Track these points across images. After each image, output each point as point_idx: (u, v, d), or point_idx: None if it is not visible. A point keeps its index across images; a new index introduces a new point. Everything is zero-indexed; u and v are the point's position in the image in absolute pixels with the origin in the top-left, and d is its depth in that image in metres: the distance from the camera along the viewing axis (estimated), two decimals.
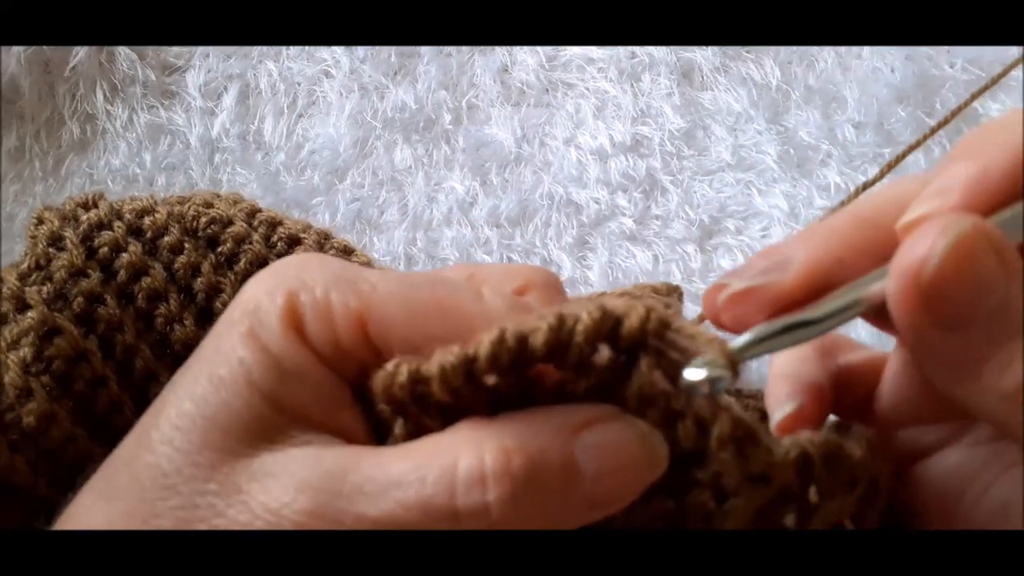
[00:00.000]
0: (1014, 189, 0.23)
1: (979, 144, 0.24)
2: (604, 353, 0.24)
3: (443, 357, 0.23)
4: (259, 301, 0.25)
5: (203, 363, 0.25)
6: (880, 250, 0.24)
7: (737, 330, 0.25)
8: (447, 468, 0.22)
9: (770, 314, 0.25)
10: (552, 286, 0.30)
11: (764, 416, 0.30)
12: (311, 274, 0.25)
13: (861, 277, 0.24)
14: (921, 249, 0.22)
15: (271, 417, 0.24)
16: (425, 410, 0.24)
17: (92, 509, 0.25)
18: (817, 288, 0.25)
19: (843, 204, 0.32)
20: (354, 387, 0.25)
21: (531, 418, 0.23)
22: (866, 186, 0.34)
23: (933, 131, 0.37)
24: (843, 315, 0.24)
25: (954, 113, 0.40)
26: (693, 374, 0.23)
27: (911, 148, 0.35)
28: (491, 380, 0.23)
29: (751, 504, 0.25)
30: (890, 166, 0.33)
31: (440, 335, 0.24)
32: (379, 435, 0.25)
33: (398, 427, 0.24)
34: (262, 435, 0.24)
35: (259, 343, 0.24)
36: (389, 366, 0.24)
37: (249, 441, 0.24)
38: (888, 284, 0.23)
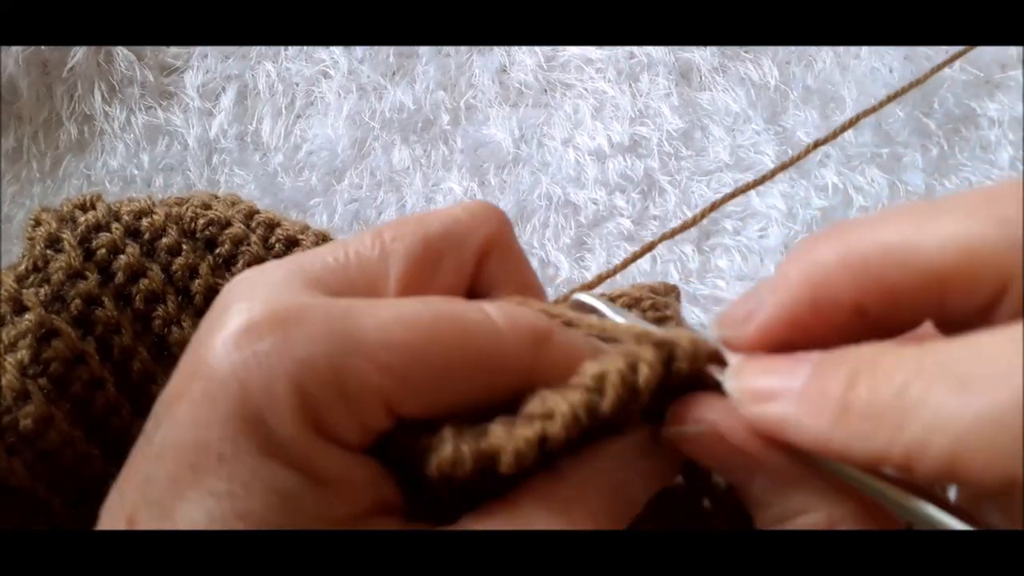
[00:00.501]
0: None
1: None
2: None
3: (515, 442, 0.22)
4: (258, 404, 0.21)
5: (223, 499, 0.20)
6: (855, 303, 0.23)
7: None
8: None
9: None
10: (504, 239, 0.28)
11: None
12: (303, 347, 0.21)
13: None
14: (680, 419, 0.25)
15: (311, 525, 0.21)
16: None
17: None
18: (774, 345, 0.24)
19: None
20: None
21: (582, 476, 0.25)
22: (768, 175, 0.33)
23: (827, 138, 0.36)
24: None
25: (865, 113, 0.39)
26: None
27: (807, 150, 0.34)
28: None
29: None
30: (789, 163, 0.32)
31: (471, 391, 0.23)
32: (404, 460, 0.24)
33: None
34: None
35: (281, 458, 0.21)
36: (446, 451, 0.22)
37: None
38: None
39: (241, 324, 0.22)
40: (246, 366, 0.21)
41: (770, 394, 0.23)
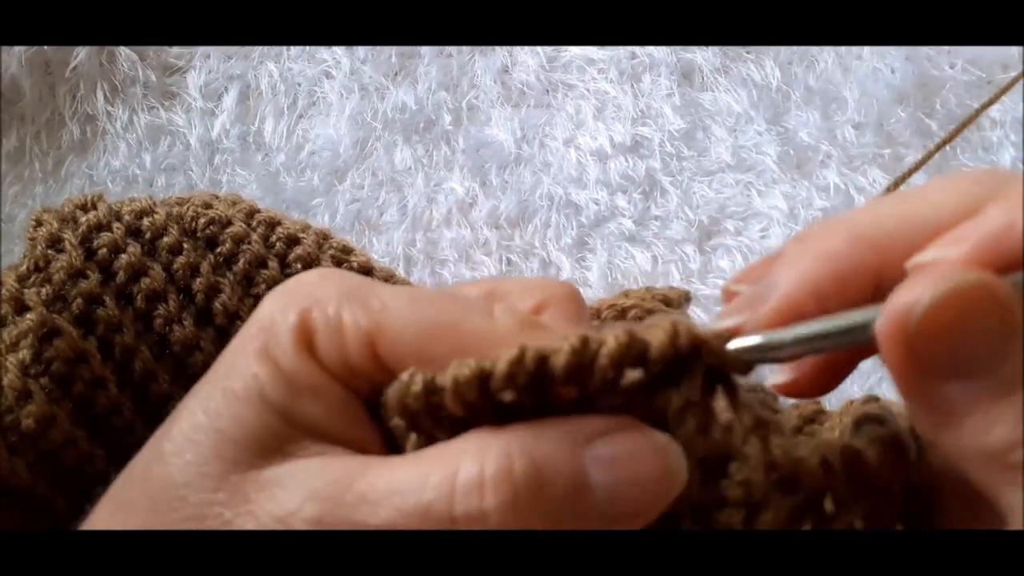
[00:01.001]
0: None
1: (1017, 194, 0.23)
2: (631, 374, 0.23)
3: (458, 369, 0.23)
4: (273, 318, 0.25)
5: (218, 377, 0.25)
6: (874, 276, 0.24)
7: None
8: (448, 474, 0.22)
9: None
10: (571, 301, 0.28)
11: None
12: (324, 291, 0.25)
13: (848, 309, 0.23)
14: (912, 295, 0.22)
15: (283, 430, 0.24)
16: (439, 424, 0.24)
17: (110, 521, 0.25)
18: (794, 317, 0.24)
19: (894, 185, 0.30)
20: (368, 404, 0.25)
21: (541, 426, 0.23)
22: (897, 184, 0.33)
23: (945, 141, 0.36)
24: (816, 344, 0.23)
25: (964, 124, 0.40)
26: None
27: (924, 159, 0.34)
28: (507, 397, 0.23)
29: (779, 517, 0.24)
30: (903, 178, 0.32)
31: (448, 354, 0.23)
32: (393, 452, 0.25)
33: (411, 443, 0.24)
34: (274, 448, 0.24)
35: (272, 359, 0.24)
36: (404, 376, 0.24)
37: (260, 453, 0.24)
38: (878, 323, 0.22)
39: (301, 276, 0.27)
40: (280, 296, 0.26)
41: (970, 231, 0.23)
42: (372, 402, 0.25)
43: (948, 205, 0.24)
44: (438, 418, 0.23)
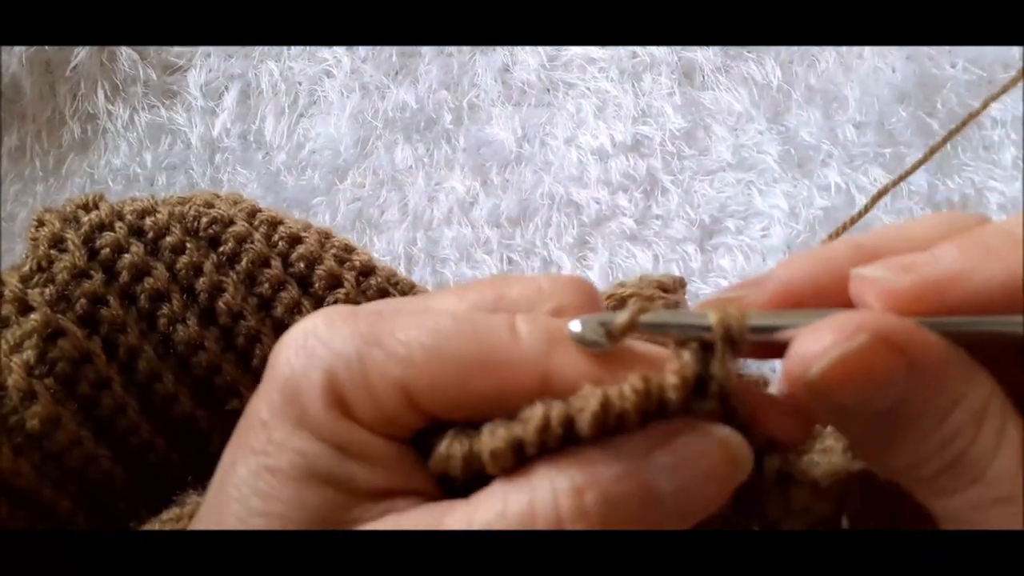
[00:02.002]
0: (986, 306, 0.23)
1: (993, 243, 0.23)
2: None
3: (492, 442, 0.23)
4: (298, 383, 0.24)
5: (256, 454, 0.24)
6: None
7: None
8: (525, 516, 0.22)
9: None
10: (585, 302, 0.28)
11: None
12: (341, 342, 0.24)
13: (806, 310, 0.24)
14: (811, 350, 0.22)
15: (344, 501, 0.24)
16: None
17: None
18: (787, 306, 0.25)
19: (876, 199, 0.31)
20: (413, 443, 0.25)
21: (601, 449, 0.23)
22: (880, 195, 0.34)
23: (944, 141, 0.36)
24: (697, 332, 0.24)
25: (965, 123, 0.40)
26: (575, 325, 0.24)
27: (924, 158, 0.34)
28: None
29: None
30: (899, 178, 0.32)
31: (484, 392, 0.24)
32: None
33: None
34: (340, 521, 0.24)
35: (311, 430, 0.24)
36: (441, 449, 0.24)
37: (323, 528, 0.23)
38: (783, 365, 0.23)
39: (306, 326, 0.25)
40: (297, 355, 0.25)
41: (922, 263, 0.23)
42: (416, 439, 0.25)
43: (939, 232, 0.25)
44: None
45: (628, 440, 0.23)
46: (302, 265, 0.36)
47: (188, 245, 0.35)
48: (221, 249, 0.36)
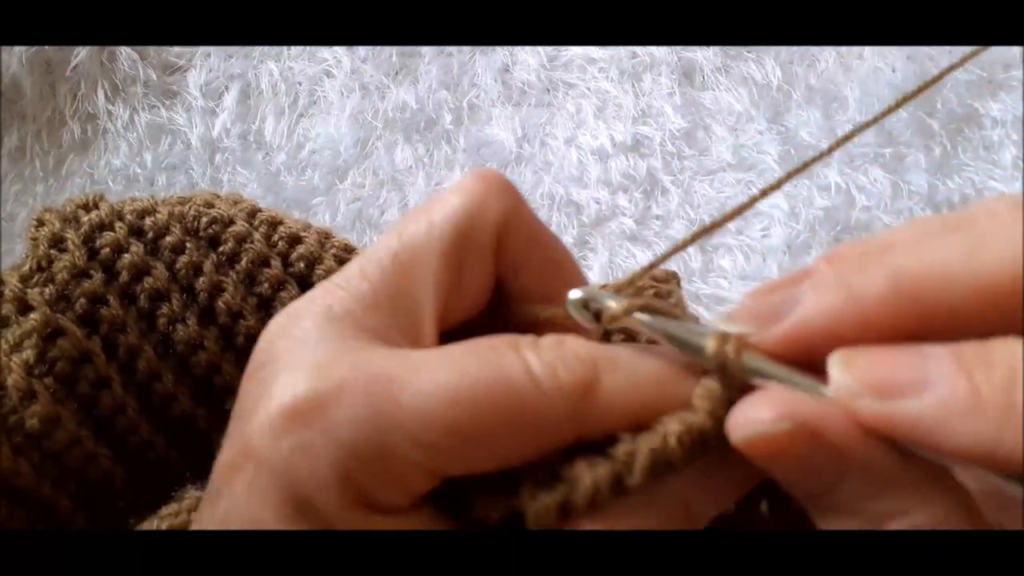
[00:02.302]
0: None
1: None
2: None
3: (535, 506, 0.23)
4: (307, 486, 0.22)
5: None
6: (907, 330, 0.21)
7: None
8: None
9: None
10: (519, 216, 0.27)
11: None
12: (346, 430, 0.22)
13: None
14: (744, 415, 0.22)
15: None
16: None
17: None
18: (801, 352, 0.23)
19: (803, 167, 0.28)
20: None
21: (646, 503, 0.23)
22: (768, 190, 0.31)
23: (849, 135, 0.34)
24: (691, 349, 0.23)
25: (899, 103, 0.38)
26: (574, 294, 0.24)
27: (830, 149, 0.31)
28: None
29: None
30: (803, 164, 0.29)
31: (516, 452, 0.23)
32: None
33: None
34: None
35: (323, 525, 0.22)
36: (478, 509, 0.23)
37: None
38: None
39: (285, 408, 0.22)
40: (293, 454, 0.22)
41: (899, 389, 0.21)
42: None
43: (1007, 273, 0.21)
44: None
45: (673, 490, 0.23)
46: (302, 265, 0.36)
47: (188, 245, 0.35)
48: (221, 249, 0.36)
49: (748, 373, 0.22)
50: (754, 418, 0.21)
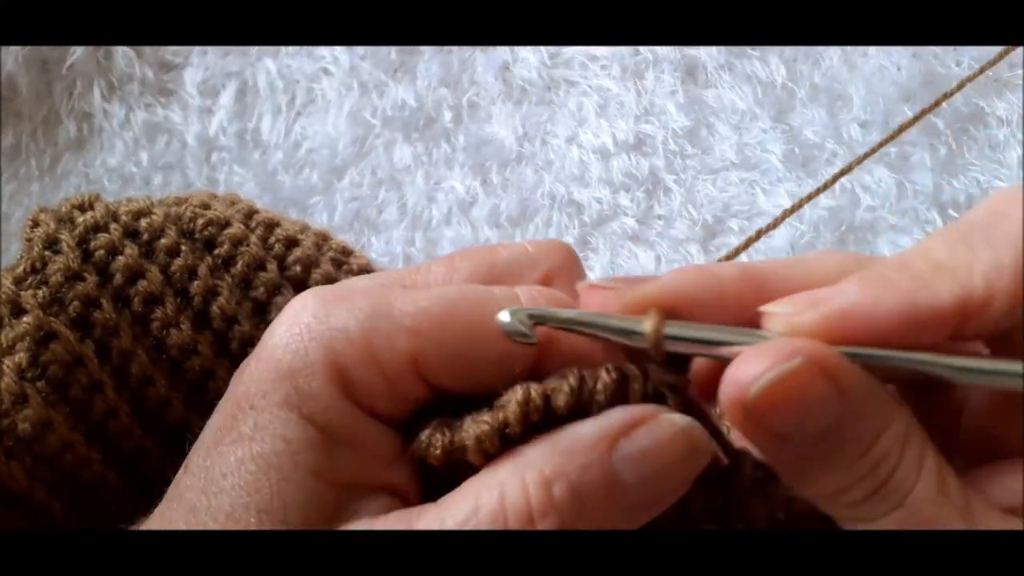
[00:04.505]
0: (885, 335, 0.24)
1: (890, 276, 0.24)
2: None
3: (477, 428, 0.24)
4: (292, 363, 0.24)
5: (244, 441, 0.24)
6: (750, 304, 0.25)
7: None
8: (496, 513, 0.23)
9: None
10: (572, 266, 0.29)
11: None
12: (340, 318, 0.24)
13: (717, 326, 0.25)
14: (751, 372, 0.23)
15: (327, 495, 0.24)
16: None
17: None
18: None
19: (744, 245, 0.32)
20: (406, 422, 0.25)
21: (566, 439, 0.24)
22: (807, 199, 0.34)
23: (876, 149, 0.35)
24: (628, 338, 0.25)
25: (943, 97, 0.39)
26: (504, 316, 0.24)
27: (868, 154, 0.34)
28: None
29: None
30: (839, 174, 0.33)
31: (491, 356, 0.24)
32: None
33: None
34: (321, 518, 0.24)
35: (300, 414, 0.24)
36: (423, 437, 0.24)
37: (305, 524, 0.23)
38: (720, 389, 0.23)
39: (297, 307, 0.25)
40: (291, 334, 0.24)
41: (826, 297, 0.24)
42: (410, 416, 0.25)
43: (827, 268, 0.26)
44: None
45: (592, 432, 0.24)
46: (298, 269, 0.35)
47: (183, 247, 0.35)
48: (216, 252, 0.35)
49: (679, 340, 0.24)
50: (759, 368, 0.23)
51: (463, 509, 0.23)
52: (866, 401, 0.23)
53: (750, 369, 0.23)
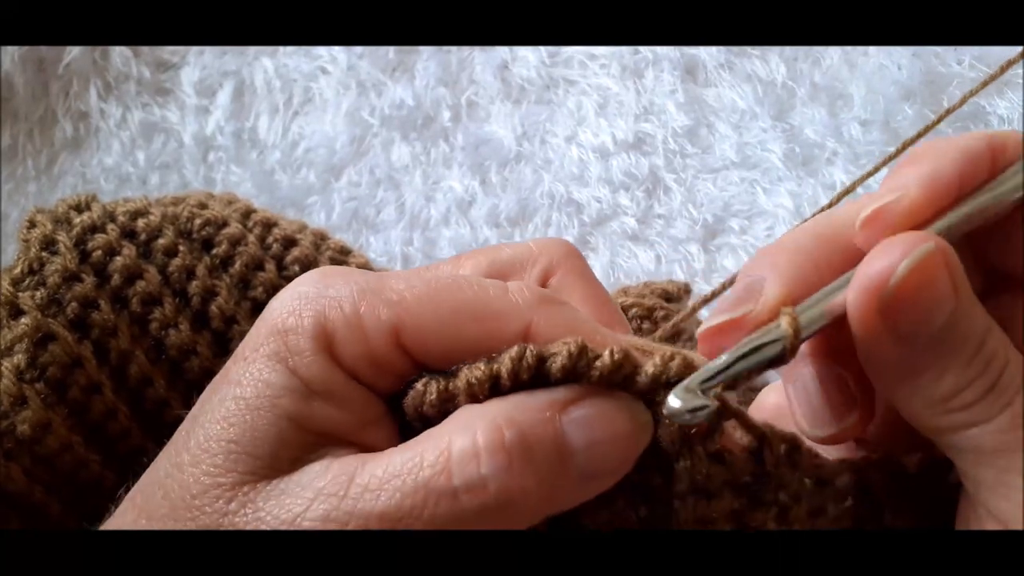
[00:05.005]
0: (960, 190, 0.25)
1: (925, 153, 0.26)
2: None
3: (470, 374, 0.24)
4: (286, 322, 0.25)
5: (230, 384, 0.25)
6: (841, 268, 0.26)
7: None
8: (442, 450, 0.23)
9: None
10: (573, 260, 0.30)
11: None
12: (336, 289, 0.25)
13: (821, 290, 0.25)
14: (886, 263, 0.24)
15: (296, 438, 0.25)
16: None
17: (133, 526, 0.26)
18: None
19: (829, 205, 0.32)
20: (391, 397, 0.26)
21: (520, 398, 0.24)
22: (851, 188, 0.34)
23: (931, 127, 0.36)
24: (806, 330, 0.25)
25: (948, 111, 0.39)
26: (673, 402, 0.24)
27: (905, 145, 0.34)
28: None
29: (808, 508, 0.26)
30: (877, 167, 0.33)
31: (472, 335, 0.25)
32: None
33: None
34: (286, 457, 0.24)
35: (286, 365, 0.25)
36: (419, 385, 0.25)
37: (273, 463, 0.24)
38: (849, 293, 0.24)
39: (300, 279, 0.26)
40: (289, 300, 0.26)
41: (906, 179, 0.25)
42: (395, 392, 0.26)
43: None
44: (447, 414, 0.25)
45: (548, 393, 0.24)
46: (297, 268, 0.35)
47: (181, 247, 0.35)
48: (214, 252, 0.35)
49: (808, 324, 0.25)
50: (892, 259, 0.24)
51: (410, 452, 0.24)
52: (973, 298, 0.24)
53: (885, 260, 0.24)
